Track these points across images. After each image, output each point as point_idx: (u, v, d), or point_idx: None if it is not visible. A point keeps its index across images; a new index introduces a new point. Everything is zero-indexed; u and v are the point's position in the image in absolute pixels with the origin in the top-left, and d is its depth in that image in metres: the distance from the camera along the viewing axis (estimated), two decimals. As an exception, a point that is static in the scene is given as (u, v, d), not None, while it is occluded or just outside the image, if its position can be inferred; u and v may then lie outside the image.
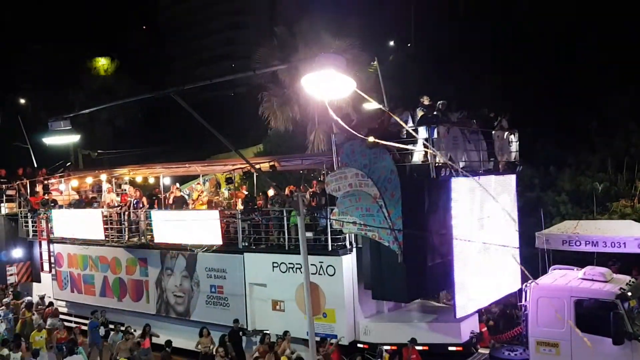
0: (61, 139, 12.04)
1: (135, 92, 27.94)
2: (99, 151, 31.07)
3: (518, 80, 24.30)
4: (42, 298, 20.05)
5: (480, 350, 13.96)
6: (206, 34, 73.08)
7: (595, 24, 25.06)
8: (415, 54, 34.35)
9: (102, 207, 20.09)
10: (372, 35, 30.88)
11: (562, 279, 12.24)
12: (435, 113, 12.01)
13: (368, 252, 12.86)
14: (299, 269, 14.39)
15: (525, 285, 12.48)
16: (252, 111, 26.99)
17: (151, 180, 22.95)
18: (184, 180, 24.22)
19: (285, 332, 14.11)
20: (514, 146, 15.17)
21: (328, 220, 13.70)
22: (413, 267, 12.20)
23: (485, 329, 14.42)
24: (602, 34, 24.59)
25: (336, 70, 6.37)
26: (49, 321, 18.04)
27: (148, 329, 15.35)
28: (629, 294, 11.07)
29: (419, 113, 12.30)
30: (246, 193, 18.50)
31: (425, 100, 12.38)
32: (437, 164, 11.65)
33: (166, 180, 21.92)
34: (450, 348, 13.32)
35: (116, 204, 19.92)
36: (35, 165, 24.67)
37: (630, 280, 11.85)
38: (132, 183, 24.28)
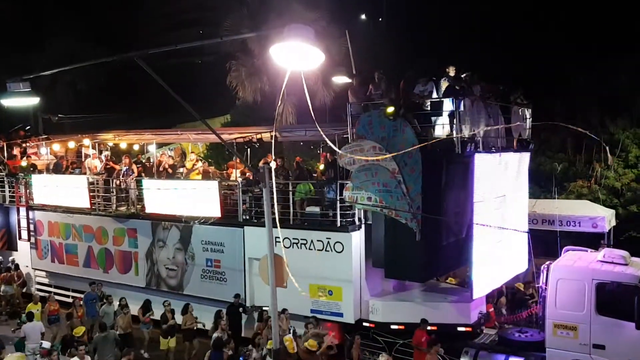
0: (20, 101, 11.51)
1: (99, 55, 26.65)
2: (59, 115, 29.62)
3: (486, 57, 24.11)
4: (14, 264, 19.09)
5: (486, 331, 13.70)
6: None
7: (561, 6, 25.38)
8: (387, 27, 34.04)
9: (84, 173, 19.01)
10: (344, 8, 30.50)
11: (581, 261, 11.95)
12: (462, 84, 11.35)
13: (382, 229, 12.28)
14: (304, 244, 13.82)
15: (544, 267, 12.18)
16: (220, 80, 26.27)
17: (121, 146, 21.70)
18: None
19: (284, 310, 13.57)
20: (528, 123, 14.73)
21: (337, 194, 13.06)
22: (429, 246, 11.72)
23: (492, 309, 14.13)
24: (567, 15, 24.86)
25: (305, 41, 6.19)
26: (2, 287, 17.49)
27: (149, 304, 14.61)
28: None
29: (443, 84, 11.62)
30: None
31: (451, 71, 11.69)
32: (462, 139, 11.05)
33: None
34: (459, 329, 12.96)
35: (100, 171, 18.84)
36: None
37: (650, 264, 11.63)
38: (112, 149, 23.14)
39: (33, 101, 12.72)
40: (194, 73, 45.26)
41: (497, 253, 12.69)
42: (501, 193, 12.80)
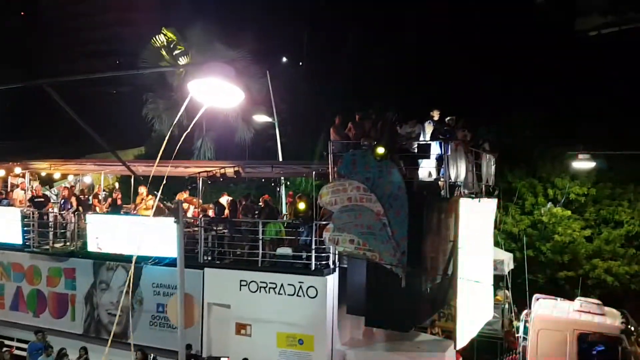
0: None
1: (7, 80, 25.07)
2: None
3: (405, 100, 24.40)
4: None
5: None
6: (91, 27, 70.12)
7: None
8: (307, 71, 35.13)
9: (13, 205, 17.07)
10: (266, 49, 31.47)
11: (558, 310, 11.97)
12: (446, 128, 11.26)
13: (360, 274, 11.67)
14: (273, 288, 12.90)
15: (524, 316, 12.07)
16: (135, 111, 25.82)
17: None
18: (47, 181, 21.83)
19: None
20: (493, 169, 14.95)
21: (313, 235, 12.39)
22: (413, 293, 11.23)
23: (461, 359, 13.81)
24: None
25: (224, 79, 6.13)
26: None
27: (84, 353, 12.91)
28: (632, 328, 11.00)
29: (428, 127, 11.48)
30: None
31: (435, 115, 11.61)
32: (450, 182, 10.85)
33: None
34: (433, 380, 12.48)
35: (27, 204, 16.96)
36: None
37: (622, 314, 11.84)
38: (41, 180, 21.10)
39: None
40: (108, 103, 44.19)
41: (473, 301, 12.46)
42: (476, 239, 12.70)
